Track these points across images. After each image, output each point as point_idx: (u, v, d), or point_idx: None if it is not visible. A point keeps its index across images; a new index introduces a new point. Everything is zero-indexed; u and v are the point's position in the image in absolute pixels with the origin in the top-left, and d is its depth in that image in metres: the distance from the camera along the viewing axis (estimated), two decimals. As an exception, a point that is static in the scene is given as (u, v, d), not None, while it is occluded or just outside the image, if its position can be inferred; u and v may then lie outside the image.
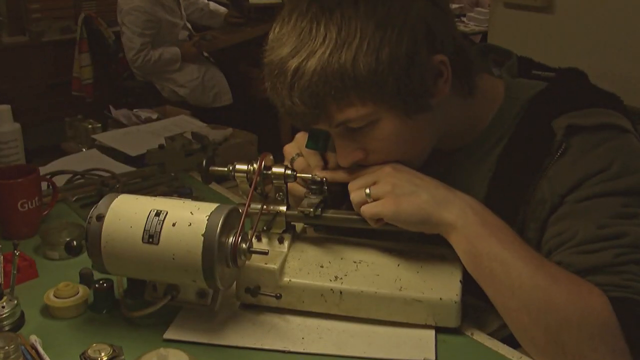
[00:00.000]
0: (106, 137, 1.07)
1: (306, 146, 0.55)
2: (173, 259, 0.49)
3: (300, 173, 0.54)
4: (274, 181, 0.54)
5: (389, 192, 0.49)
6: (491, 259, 0.45)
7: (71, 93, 2.20)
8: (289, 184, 0.54)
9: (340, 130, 0.51)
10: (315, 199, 0.53)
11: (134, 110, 1.38)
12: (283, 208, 0.54)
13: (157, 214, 0.50)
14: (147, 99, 1.98)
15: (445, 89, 0.50)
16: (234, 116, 2.16)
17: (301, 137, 0.56)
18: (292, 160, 0.57)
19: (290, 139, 0.60)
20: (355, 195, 0.51)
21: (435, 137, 0.54)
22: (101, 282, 0.53)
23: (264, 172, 0.53)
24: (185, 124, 1.25)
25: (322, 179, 0.54)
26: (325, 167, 0.55)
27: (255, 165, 0.53)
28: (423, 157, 0.54)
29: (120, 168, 0.89)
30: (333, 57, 0.45)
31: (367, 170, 0.52)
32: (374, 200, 0.49)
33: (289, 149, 0.57)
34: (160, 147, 0.90)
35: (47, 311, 0.51)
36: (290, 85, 0.47)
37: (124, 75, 2.15)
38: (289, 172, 0.53)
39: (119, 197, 0.50)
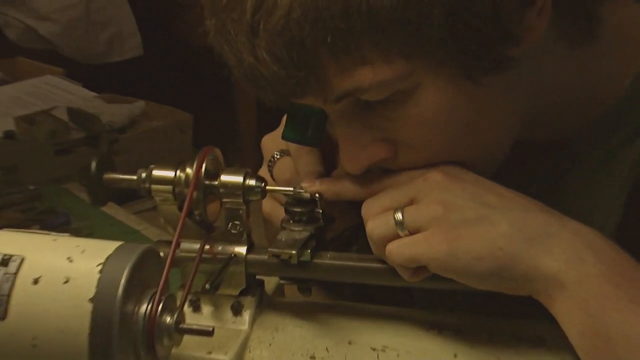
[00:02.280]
0: None
1: (283, 136, 0.57)
2: (33, 346, 0.47)
3: (281, 183, 0.57)
4: (224, 199, 0.54)
5: (437, 219, 0.49)
6: (631, 346, 0.45)
7: None
8: (264, 206, 0.57)
9: (344, 108, 0.52)
10: (299, 233, 0.55)
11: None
12: (242, 249, 0.55)
13: (4, 262, 0.48)
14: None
15: (540, 27, 0.50)
16: (147, 79, 2.13)
17: None
18: (270, 163, 0.60)
19: (255, 122, 0.63)
20: (375, 225, 0.52)
21: (520, 118, 0.55)
22: None
23: (207, 182, 0.53)
24: (56, 92, 1.20)
25: (313, 195, 0.55)
26: (324, 174, 0.57)
27: (189, 171, 0.53)
28: (499, 154, 0.56)
29: None
30: None
31: (396, 180, 0.54)
32: (410, 233, 0.50)
33: (269, 143, 0.61)
34: (8, 135, 0.86)
35: None
36: (251, 28, 0.48)
37: None
38: (252, 182, 0.54)
39: None
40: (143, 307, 0.49)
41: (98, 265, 0.49)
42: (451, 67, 0.49)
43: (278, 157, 0.60)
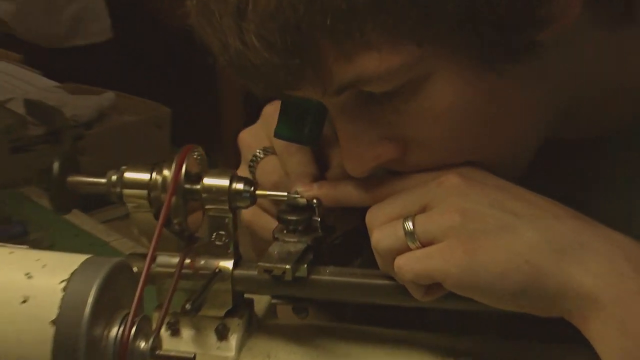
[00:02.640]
0: None
1: (276, 134, 0.58)
2: (-13, 376, 0.47)
3: (266, 187, 0.57)
4: (207, 206, 0.55)
5: (453, 229, 0.50)
6: None
7: None
8: (244, 212, 0.57)
9: (346, 101, 0.52)
10: (294, 244, 0.55)
11: None
12: (228, 264, 0.55)
13: (-48, 277, 0.48)
14: None
15: (574, 8, 0.50)
16: (118, 67, 2.17)
17: (272, 116, 0.60)
18: (252, 163, 0.60)
19: (242, 117, 0.64)
20: (381, 236, 0.52)
21: (549, 114, 0.56)
22: None
23: (188, 186, 0.54)
24: (12, 81, 1.20)
25: (310, 201, 0.56)
26: (319, 176, 0.58)
27: (166, 173, 0.54)
28: (524, 155, 0.57)
29: None
30: None
31: (405, 184, 0.54)
32: (423, 245, 0.50)
33: (249, 139, 0.61)
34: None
35: None
36: (238, 9, 0.48)
37: None
38: (240, 186, 0.54)
39: None
40: (114, 331, 0.49)
41: (61, 282, 0.49)
42: (469, 53, 0.49)
43: (261, 156, 0.60)
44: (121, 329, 0.49)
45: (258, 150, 0.60)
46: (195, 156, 0.55)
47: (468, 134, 0.53)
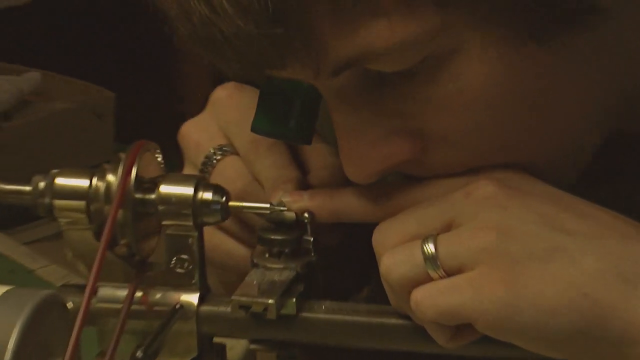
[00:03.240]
0: None
1: (254, 128, 0.59)
2: None
3: (237, 198, 0.57)
4: (165, 222, 0.56)
5: (488, 253, 0.50)
6: None
7: None
8: (208, 233, 0.57)
9: (346, 84, 0.53)
10: (280, 272, 0.56)
11: None
12: (192, 298, 0.56)
13: None
14: None
15: None
16: (44, 40, 2.15)
17: (225, 103, 0.61)
18: (205, 167, 0.61)
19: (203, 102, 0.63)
20: (393, 262, 0.52)
21: (609, 99, 0.56)
22: None
23: (140, 196, 0.54)
24: None
25: (300, 215, 0.56)
26: (303, 182, 0.59)
27: (111, 178, 0.54)
28: (579, 155, 0.57)
29: None
30: None
31: (424, 193, 0.55)
32: (447, 274, 0.51)
33: (197, 135, 0.62)
34: None
35: None
36: None
37: None
38: (208, 195, 0.55)
39: None
40: (42, 388, 0.49)
41: (-29, 323, 0.49)
42: (507, 22, 0.50)
43: (217, 157, 0.61)
44: (51, 385, 0.49)
45: (212, 150, 0.61)
46: (149, 156, 0.55)
47: (506, 127, 0.53)
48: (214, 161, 0.61)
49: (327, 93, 0.54)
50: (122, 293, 0.55)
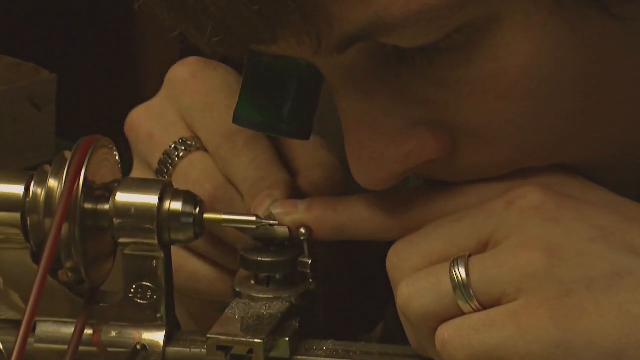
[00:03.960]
0: None
1: (236, 117, 0.59)
2: None
3: (212, 209, 0.58)
4: (121, 239, 0.56)
5: (535, 279, 0.50)
6: None
7: None
8: (177, 254, 0.58)
9: (356, 62, 0.54)
10: (269, 304, 0.56)
11: None
12: (156, 337, 0.56)
13: None
14: None
15: None
16: None
17: (195, 81, 0.63)
18: (163, 166, 0.62)
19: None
20: (414, 291, 0.53)
21: None
22: None
23: (89, 206, 0.55)
24: None
25: (295, 231, 0.57)
26: (293, 186, 0.60)
27: (53, 183, 0.54)
28: None
29: None
30: None
31: (453, 202, 0.56)
32: (483, 306, 0.51)
33: (150, 124, 0.63)
34: None
35: None
36: None
37: None
38: (177, 205, 0.55)
39: None
40: None
41: None
42: None
43: (179, 153, 0.61)
44: None
45: (171, 144, 0.61)
46: (101, 155, 0.55)
47: (556, 119, 0.53)
48: (175, 158, 0.61)
49: (331, 74, 0.54)
50: (68, 330, 0.55)
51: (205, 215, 0.56)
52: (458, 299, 0.51)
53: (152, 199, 0.55)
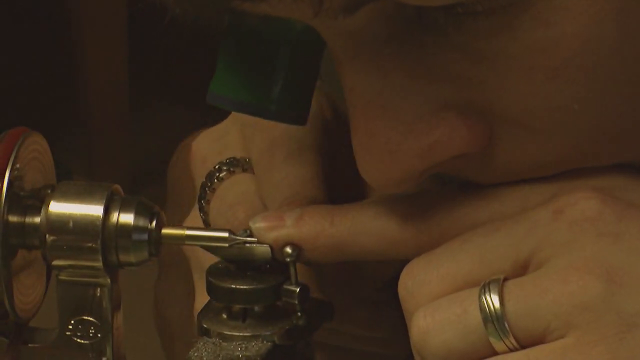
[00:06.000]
0: None
1: (210, 95, 0.58)
2: None
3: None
4: (55, 262, 0.55)
5: (589, 310, 0.49)
6: None
7: None
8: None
9: (367, 26, 0.52)
10: (246, 344, 0.56)
11: None
12: None
13: None
14: None
15: None
16: None
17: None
18: (204, 189, 0.63)
19: (126, 81, 0.63)
20: (433, 324, 0.51)
21: None
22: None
23: (16, 219, 0.55)
24: None
25: (279, 251, 0.55)
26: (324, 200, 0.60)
27: None
28: None
29: None
30: None
31: (486, 210, 0.54)
32: (521, 344, 0.49)
33: (209, 144, 0.64)
34: None
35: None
36: None
37: None
38: (128, 218, 0.55)
39: None
40: None
41: None
42: None
43: (223, 173, 0.61)
44: None
45: (217, 165, 0.61)
46: (31, 153, 0.54)
47: (618, 106, 0.52)
48: (215, 180, 0.61)
49: (335, 43, 0.52)
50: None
51: (164, 231, 0.54)
52: (490, 334, 0.49)
53: (95, 210, 0.53)
